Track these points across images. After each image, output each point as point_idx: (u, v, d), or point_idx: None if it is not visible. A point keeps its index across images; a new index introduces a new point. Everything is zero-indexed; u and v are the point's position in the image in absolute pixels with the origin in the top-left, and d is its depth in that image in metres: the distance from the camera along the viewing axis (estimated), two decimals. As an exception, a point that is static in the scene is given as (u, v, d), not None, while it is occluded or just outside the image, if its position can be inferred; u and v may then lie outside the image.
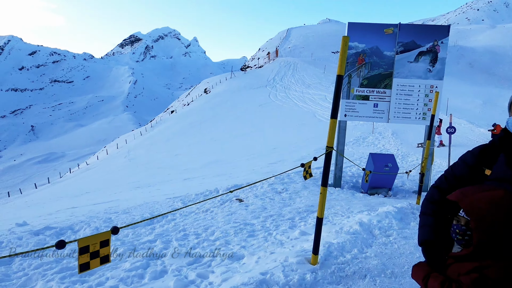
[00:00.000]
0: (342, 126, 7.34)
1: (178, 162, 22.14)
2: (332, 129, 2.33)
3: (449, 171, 1.60)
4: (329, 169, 2.49)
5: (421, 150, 14.45)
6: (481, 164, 1.46)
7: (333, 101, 2.24)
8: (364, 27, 6.88)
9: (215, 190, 8.35)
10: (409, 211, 4.55)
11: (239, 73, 70.40)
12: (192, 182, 13.47)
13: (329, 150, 2.35)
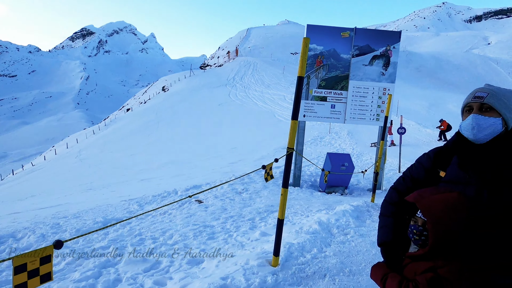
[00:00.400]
0: (301, 127, 7.47)
1: (134, 162, 21.31)
2: (293, 130, 2.33)
3: (407, 173, 1.63)
4: (290, 171, 2.49)
5: (374, 150, 15.17)
6: (436, 166, 1.50)
7: (294, 102, 2.23)
8: (322, 29, 7.05)
9: (173, 191, 8.12)
10: (365, 209, 4.73)
11: (199, 72, 69.42)
12: (149, 183, 13.01)
13: (290, 151, 2.34)
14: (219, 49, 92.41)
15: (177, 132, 31.52)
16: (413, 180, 1.57)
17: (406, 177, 1.61)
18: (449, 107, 33.08)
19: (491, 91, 1.39)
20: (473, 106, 1.39)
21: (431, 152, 1.56)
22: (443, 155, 1.49)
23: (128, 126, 39.83)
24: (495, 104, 1.35)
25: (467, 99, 1.44)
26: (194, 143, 25.34)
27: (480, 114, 1.35)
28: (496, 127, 1.34)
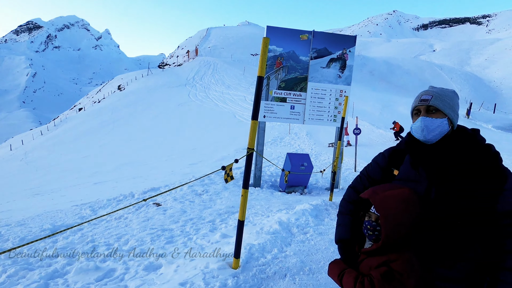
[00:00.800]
0: (261, 127, 7.50)
1: (88, 165, 20.21)
2: (253, 131, 2.31)
3: (364, 172, 1.70)
4: (250, 171, 2.46)
5: (332, 150, 15.69)
6: (390, 165, 1.57)
7: (254, 102, 2.21)
8: (282, 31, 7.14)
9: (130, 194, 7.79)
10: (323, 208, 4.85)
11: (157, 71, 67.61)
12: (104, 186, 12.39)
13: (250, 151, 2.32)
14: (179, 48, 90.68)
15: (134, 133, 30.47)
16: (370, 178, 1.63)
17: (363, 176, 1.68)
18: (400, 109, 35.09)
19: (435, 93, 1.46)
20: (421, 109, 1.46)
21: (386, 152, 1.63)
22: (396, 155, 1.56)
23: (81, 127, 37.81)
24: (439, 105, 1.43)
25: (414, 102, 1.51)
26: (152, 144, 24.61)
27: (428, 116, 1.42)
28: (443, 128, 1.41)
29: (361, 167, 10.73)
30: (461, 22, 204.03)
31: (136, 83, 57.36)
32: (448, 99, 1.45)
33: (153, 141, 25.81)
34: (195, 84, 49.15)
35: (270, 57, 7.20)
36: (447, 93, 1.47)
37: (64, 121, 44.89)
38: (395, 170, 1.54)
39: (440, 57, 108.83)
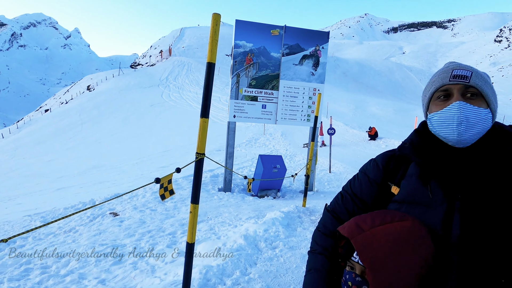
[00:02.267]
0: (231, 128, 7.05)
1: (52, 169, 18.98)
2: (202, 131, 1.87)
3: (348, 188, 1.17)
4: (200, 181, 2.01)
5: (306, 150, 15.50)
6: (387, 179, 1.05)
7: (203, 97, 1.78)
8: (252, 26, 6.73)
9: (90, 202, 7.13)
10: (296, 215, 4.46)
11: (129, 71, 65.70)
12: (66, 192, 11.52)
13: (199, 157, 1.88)
14: (152, 48, 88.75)
15: (103, 135, 29.25)
16: (355, 198, 1.12)
17: (346, 195, 1.15)
18: (372, 109, 35.70)
19: (473, 69, 0.95)
20: (453, 90, 0.93)
21: (379, 158, 1.11)
22: (396, 163, 1.06)
23: (46, 129, 35.94)
24: (483, 87, 0.92)
25: (438, 80, 0.97)
26: (122, 146, 23.59)
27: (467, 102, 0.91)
28: (487, 123, 0.91)
29: (335, 168, 10.51)
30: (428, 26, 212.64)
31: (106, 83, 55.47)
32: (489, 80, 0.96)
33: (123, 144, 24.81)
34: (169, 85, 48.08)
35: (240, 53, 6.76)
36: (483, 73, 0.96)
37: (28, 123, 42.56)
38: (393, 186, 1.03)
39: (409, 59, 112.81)
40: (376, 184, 1.07)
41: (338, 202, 1.16)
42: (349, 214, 1.10)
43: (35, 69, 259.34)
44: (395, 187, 1.01)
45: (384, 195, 1.05)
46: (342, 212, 1.12)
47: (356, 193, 1.11)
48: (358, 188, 1.11)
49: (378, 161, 1.10)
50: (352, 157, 13.28)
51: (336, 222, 1.11)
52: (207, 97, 1.76)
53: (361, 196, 1.09)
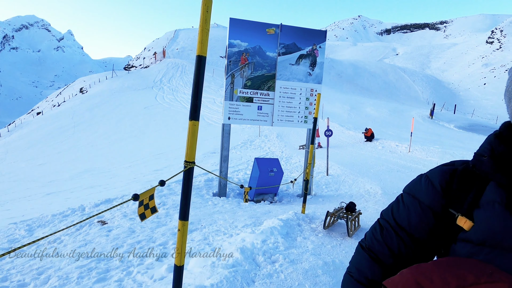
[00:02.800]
0: (226, 130, 6.78)
1: (43, 173, 18.55)
2: (192, 136, 1.61)
3: (389, 215, 0.85)
4: (189, 194, 1.75)
5: (303, 152, 15.27)
6: (449, 205, 0.75)
7: (192, 95, 1.52)
8: (247, 24, 6.48)
9: (79, 208, 6.84)
10: (295, 223, 4.20)
11: (122, 73, 65.23)
12: (56, 197, 11.17)
13: (188, 166, 1.63)
14: (145, 50, 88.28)
15: (96, 138, 28.87)
16: (402, 232, 0.80)
17: (388, 227, 0.83)
18: (367, 110, 35.66)
19: None
20: None
21: (435, 175, 0.80)
22: (462, 182, 0.75)
23: (38, 132, 35.43)
24: None
25: None
26: (115, 149, 23.23)
27: None
28: None
29: (333, 170, 10.29)
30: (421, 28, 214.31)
31: (99, 85, 55.02)
32: None
33: (117, 146, 24.46)
34: (163, 87, 47.77)
35: (235, 53, 6.51)
36: None
37: (19, 126, 41.96)
38: (460, 216, 0.72)
39: (403, 61, 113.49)
40: (432, 212, 0.76)
41: (376, 236, 0.84)
42: (393, 256, 0.80)
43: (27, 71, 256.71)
44: (464, 218, 0.70)
45: (445, 229, 0.75)
46: (383, 251, 0.81)
47: (402, 225, 0.80)
48: (404, 218, 0.80)
49: (433, 179, 0.78)
50: (349, 158, 13.09)
51: (375, 266, 0.82)
52: (197, 96, 1.51)
53: (409, 229, 0.78)
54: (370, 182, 8.14)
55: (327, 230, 4.10)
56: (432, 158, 12.80)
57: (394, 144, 15.68)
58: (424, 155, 13.37)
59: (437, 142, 17.89)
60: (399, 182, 8.31)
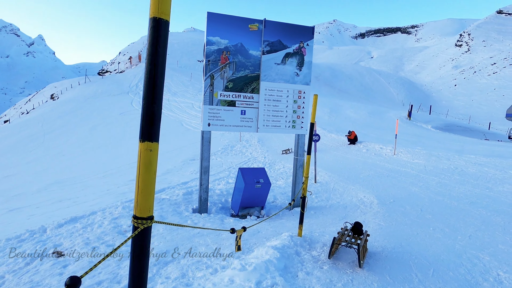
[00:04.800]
0: (205, 138, 6.04)
1: (8, 186, 17.09)
2: (146, 169, 0.92)
3: None
4: (145, 282, 1.03)
5: (286, 157, 14.69)
6: None
7: (144, 98, 0.84)
8: (227, 20, 5.81)
9: (40, 230, 5.93)
10: (293, 251, 3.52)
11: (96, 78, 63.13)
12: (19, 215, 10.03)
13: (142, 226, 0.92)
14: (120, 55, 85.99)
15: (68, 146, 27.39)
16: None
17: None
18: (346, 112, 35.74)
19: None
20: None
21: None
22: None
23: (4, 141, 33.36)
24: None
25: None
26: (88, 158, 21.94)
27: None
28: None
29: (320, 177, 9.73)
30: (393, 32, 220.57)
31: (71, 91, 52.93)
32: None
33: (90, 155, 23.17)
34: (139, 92, 46.39)
35: (214, 51, 5.81)
36: None
37: (-17, 136, 39.40)
38: None
39: (378, 63, 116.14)
40: None
41: None
42: None
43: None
44: None
45: None
46: None
47: None
48: None
49: None
50: (335, 163, 12.60)
51: None
52: (154, 94, 0.82)
53: None
54: (363, 190, 7.61)
55: (332, 259, 3.46)
56: (418, 160, 12.51)
57: (379, 147, 15.37)
58: (410, 157, 13.08)
59: (418, 143, 17.78)
60: (392, 189, 7.82)
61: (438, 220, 5.38)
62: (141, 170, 0.93)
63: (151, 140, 0.91)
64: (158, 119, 0.91)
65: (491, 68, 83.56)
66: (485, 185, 8.35)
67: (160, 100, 0.90)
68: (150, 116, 0.89)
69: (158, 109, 0.88)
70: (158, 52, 0.86)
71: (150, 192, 0.96)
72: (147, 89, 0.87)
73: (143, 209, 0.97)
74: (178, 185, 10.40)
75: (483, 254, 3.98)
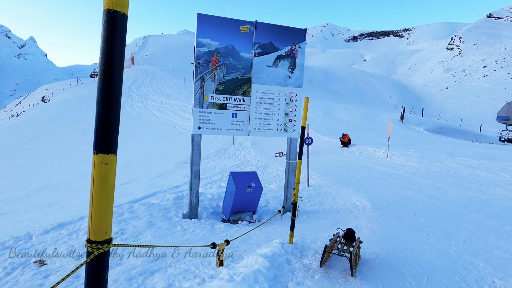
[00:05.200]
0: (196, 142, 5.92)
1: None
2: (101, 186, 0.80)
3: None
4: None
5: (279, 160, 14.59)
6: None
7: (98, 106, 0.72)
8: (217, 21, 5.70)
9: (25, 236, 5.76)
10: (283, 259, 3.41)
11: (88, 80, 62.59)
12: (5, 220, 9.77)
13: (97, 252, 0.80)
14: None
15: (58, 149, 27.01)
16: None
17: None
18: (339, 115, 35.84)
19: None
20: None
21: None
22: None
23: (-8, 145, 32.77)
24: None
25: None
26: (79, 162, 21.60)
27: None
28: None
29: (313, 180, 9.65)
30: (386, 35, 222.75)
31: (63, 94, 52.39)
32: None
33: (81, 159, 22.82)
34: (132, 94, 46.01)
35: (204, 53, 5.70)
36: None
37: (-29, 139, 38.71)
38: None
39: (370, 66, 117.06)
40: None
41: None
42: None
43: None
44: None
45: None
46: None
47: None
48: None
49: None
50: (328, 166, 12.54)
51: None
52: (111, 100, 0.71)
53: None
54: (356, 194, 7.53)
55: (324, 267, 3.35)
56: (411, 163, 12.51)
57: (372, 150, 15.36)
58: (403, 160, 13.08)
59: (411, 145, 17.83)
60: (386, 193, 7.76)
61: (431, 224, 5.32)
62: (95, 186, 0.81)
63: (106, 152, 0.79)
64: (115, 127, 0.79)
65: (481, 71, 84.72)
66: (477, 188, 8.33)
67: (117, 105, 0.78)
68: (105, 124, 0.77)
69: (115, 115, 0.76)
70: (114, 50, 0.75)
71: (107, 212, 0.85)
72: (101, 93, 0.76)
73: (98, 231, 0.85)
74: (170, 188, 10.24)
75: (478, 260, 3.91)
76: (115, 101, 0.79)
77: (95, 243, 0.84)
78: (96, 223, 0.84)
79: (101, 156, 0.80)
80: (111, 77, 0.77)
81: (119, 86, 0.79)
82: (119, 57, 0.75)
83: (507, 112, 29.01)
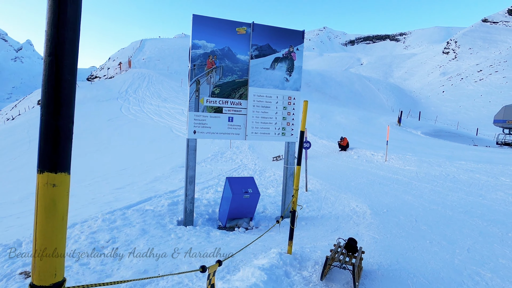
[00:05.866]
0: (191, 146, 5.74)
1: (-12, 195, 16.46)
2: (49, 212, 0.62)
3: None
4: None
5: (277, 164, 14.43)
6: None
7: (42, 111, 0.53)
8: (213, 23, 5.56)
9: (15, 244, 5.56)
10: (281, 271, 3.23)
11: (85, 83, 62.23)
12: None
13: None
14: (110, 60, 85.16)
15: (53, 153, 26.67)
16: None
17: None
18: (337, 118, 35.79)
19: None
20: None
21: None
22: None
23: (-14, 149, 32.40)
24: None
25: None
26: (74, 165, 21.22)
27: None
28: None
29: (312, 185, 9.49)
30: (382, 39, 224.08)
31: (59, 97, 51.98)
32: None
33: (76, 162, 22.46)
34: (128, 98, 45.81)
35: (199, 55, 5.54)
36: None
37: (-35, 143, 38.29)
38: None
39: (367, 70, 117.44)
40: None
41: None
42: None
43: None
44: None
45: None
46: None
47: None
48: None
49: None
50: (326, 170, 12.39)
51: None
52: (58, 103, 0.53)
53: None
54: (355, 199, 7.37)
55: (325, 280, 3.19)
56: (410, 167, 12.38)
57: (370, 153, 15.23)
58: (402, 164, 12.95)
59: (409, 149, 17.74)
60: (385, 198, 7.61)
61: (434, 231, 5.17)
62: (39, 215, 0.61)
63: (54, 171, 0.59)
64: (65, 138, 0.58)
65: (477, 75, 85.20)
66: (478, 193, 8.20)
67: (69, 109, 0.58)
68: (52, 134, 0.56)
69: (65, 123, 0.56)
70: (64, 36, 0.56)
71: (56, 247, 0.65)
72: (47, 94, 0.56)
73: (44, 273, 0.65)
74: (166, 193, 10.03)
75: (484, 270, 3.75)
76: (66, 104, 0.58)
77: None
78: (40, 263, 0.65)
79: (46, 176, 0.60)
80: (59, 73, 0.57)
81: (71, 85, 0.60)
82: (71, 47, 0.56)
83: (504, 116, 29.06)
